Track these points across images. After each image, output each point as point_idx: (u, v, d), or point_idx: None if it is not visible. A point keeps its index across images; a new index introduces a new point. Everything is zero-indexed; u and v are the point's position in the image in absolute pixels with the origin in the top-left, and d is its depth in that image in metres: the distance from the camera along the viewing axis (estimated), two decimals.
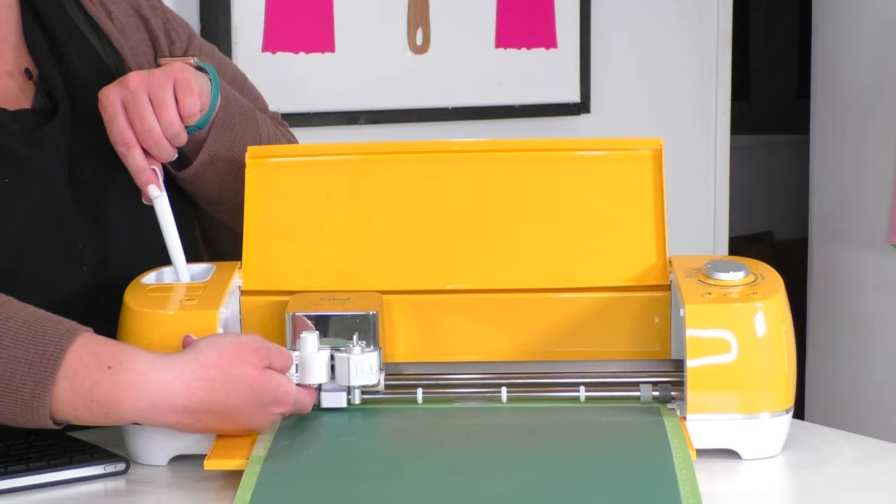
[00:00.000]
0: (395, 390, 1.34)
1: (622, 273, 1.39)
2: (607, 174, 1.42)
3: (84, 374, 1.22)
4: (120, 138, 1.43)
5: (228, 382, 1.24)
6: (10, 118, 1.47)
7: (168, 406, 1.23)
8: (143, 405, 1.22)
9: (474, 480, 1.18)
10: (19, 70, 1.52)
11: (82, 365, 1.22)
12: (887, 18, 3.09)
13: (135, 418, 1.24)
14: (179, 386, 1.23)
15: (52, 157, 1.46)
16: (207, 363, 1.24)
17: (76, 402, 1.22)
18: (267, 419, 1.26)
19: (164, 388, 1.22)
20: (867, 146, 3.17)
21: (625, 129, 3.16)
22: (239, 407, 1.24)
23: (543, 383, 1.34)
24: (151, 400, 1.22)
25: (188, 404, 1.23)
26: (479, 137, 2.89)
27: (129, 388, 1.22)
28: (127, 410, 1.22)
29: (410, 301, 1.39)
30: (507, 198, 1.41)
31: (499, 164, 1.43)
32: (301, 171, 1.43)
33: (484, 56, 2.94)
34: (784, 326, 1.28)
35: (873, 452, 1.32)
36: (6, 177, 1.43)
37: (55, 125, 1.49)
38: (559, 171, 1.42)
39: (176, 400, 1.23)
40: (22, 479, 1.22)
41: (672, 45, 3.24)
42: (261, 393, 1.25)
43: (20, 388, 1.21)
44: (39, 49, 1.53)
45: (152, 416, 1.23)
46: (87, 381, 1.22)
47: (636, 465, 1.20)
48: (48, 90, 1.51)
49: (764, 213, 4.39)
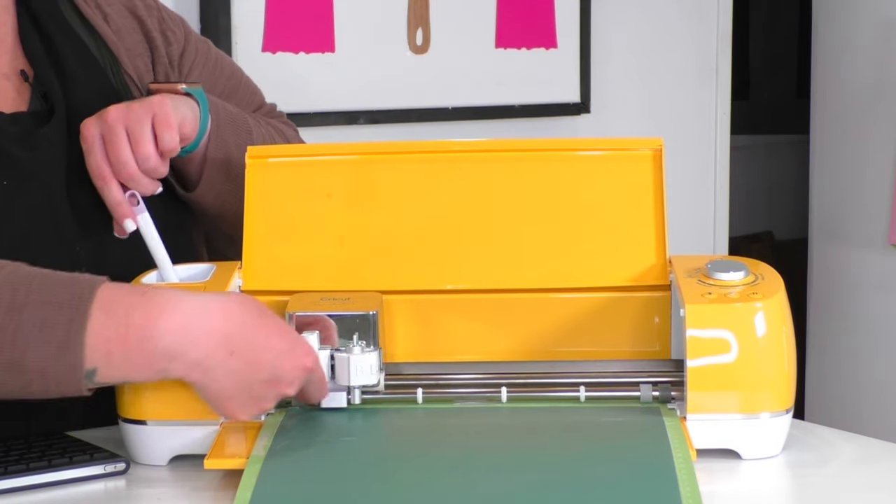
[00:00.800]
0: (395, 390, 1.34)
1: (622, 273, 1.39)
2: (607, 174, 1.42)
3: (118, 303, 1.20)
4: (97, 171, 1.44)
5: (265, 318, 1.24)
6: (6, 121, 1.47)
7: (204, 328, 1.21)
8: (177, 325, 1.20)
9: (474, 480, 1.18)
10: (15, 72, 1.52)
11: (116, 296, 1.21)
12: (887, 18, 3.09)
13: (169, 344, 1.20)
14: (216, 307, 1.22)
15: (49, 160, 1.46)
16: (245, 299, 1.25)
17: (110, 332, 1.19)
18: (294, 374, 1.24)
19: (199, 307, 1.21)
20: (867, 146, 3.17)
21: (625, 129, 3.16)
22: (272, 347, 1.23)
23: (543, 383, 1.34)
24: (186, 321, 1.20)
25: (225, 328, 1.21)
26: (479, 137, 2.89)
27: (164, 307, 1.20)
28: (162, 332, 1.20)
29: (410, 301, 1.39)
30: (507, 198, 1.41)
31: (499, 164, 1.43)
32: (301, 171, 1.43)
33: (484, 56, 2.94)
34: (784, 326, 1.28)
35: (873, 452, 1.32)
36: (3, 179, 1.43)
37: (52, 127, 1.48)
38: (559, 170, 1.42)
39: (212, 321, 1.21)
40: (22, 479, 1.22)
41: (672, 45, 3.24)
42: (294, 340, 1.25)
43: (53, 328, 1.19)
44: (35, 51, 1.52)
45: (187, 339, 1.20)
46: (122, 308, 1.20)
47: (636, 465, 1.20)
48: (44, 92, 1.51)
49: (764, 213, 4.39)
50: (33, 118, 1.49)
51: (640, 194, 1.40)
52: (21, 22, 1.54)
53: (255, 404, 1.25)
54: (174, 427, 1.28)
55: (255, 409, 1.25)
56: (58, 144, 1.48)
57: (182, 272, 1.41)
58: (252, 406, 1.25)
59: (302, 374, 1.26)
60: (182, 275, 1.41)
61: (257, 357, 1.23)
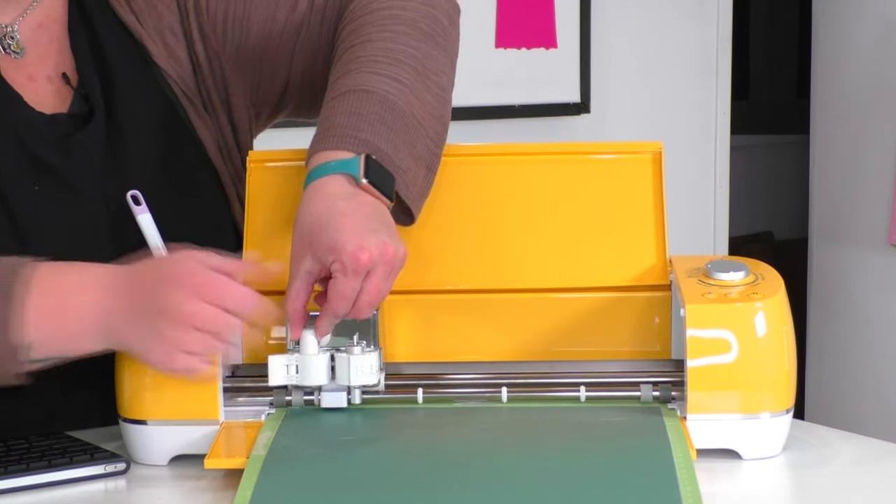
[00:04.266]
0: (395, 390, 1.34)
1: (622, 273, 1.39)
2: (608, 177, 1.42)
3: None
4: None
5: (156, 265, 1.27)
6: (45, 122, 1.44)
7: (96, 283, 1.24)
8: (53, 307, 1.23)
9: (474, 480, 1.18)
10: (58, 74, 1.47)
11: None
12: (887, 18, 3.09)
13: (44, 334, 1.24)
14: (100, 270, 1.25)
15: (80, 167, 1.43)
16: None
17: None
18: (209, 313, 1.21)
19: (84, 268, 1.25)
20: (867, 146, 3.17)
21: (625, 129, 3.17)
22: (154, 277, 1.24)
23: (543, 383, 1.34)
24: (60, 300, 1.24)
25: (112, 282, 1.24)
26: (479, 137, 2.90)
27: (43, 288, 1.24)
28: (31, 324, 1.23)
29: (410, 301, 1.39)
30: (508, 199, 1.41)
31: (499, 167, 1.43)
32: (301, 173, 1.43)
33: (484, 56, 2.95)
34: (784, 326, 1.28)
35: (873, 452, 1.32)
36: (36, 185, 1.41)
37: (89, 132, 1.44)
38: (560, 173, 1.42)
39: (99, 277, 1.24)
40: (22, 479, 1.22)
41: (672, 45, 3.25)
42: (196, 278, 1.22)
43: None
44: (82, 49, 1.47)
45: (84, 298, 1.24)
46: None
47: (636, 465, 1.20)
48: (85, 94, 1.46)
49: (764, 213, 4.39)
50: (73, 120, 1.45)
51: (640, 196, 1.40)
52: (71, 16, 1.49)
53: (171, 346, 1.22)
54: (174, 427, 1.28)
55: (175, 354, 1.23)
56: (91, 149, 1.44)
57: None
58: (169, 349, 1.22)
59: (223, 315, 1.22)
60: None
61: (140, 290, 1.24)
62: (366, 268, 1.23)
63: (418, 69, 1.39)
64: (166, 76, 1.50)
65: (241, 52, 1.52)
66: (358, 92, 1.35)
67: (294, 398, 1.32)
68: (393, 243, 1.25)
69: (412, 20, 1.42)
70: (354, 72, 1.37)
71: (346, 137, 1.31)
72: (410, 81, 1.37)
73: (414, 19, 1.43)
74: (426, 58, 1.40)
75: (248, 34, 1.51)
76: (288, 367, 1.29)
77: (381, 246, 1.23)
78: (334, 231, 1.24)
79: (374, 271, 1.24)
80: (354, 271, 1.23)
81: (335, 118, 1.33)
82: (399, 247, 1.26)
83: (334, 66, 1.41)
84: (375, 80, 1.36)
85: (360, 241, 1.23)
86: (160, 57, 1.50)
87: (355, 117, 1.32)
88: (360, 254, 1.22)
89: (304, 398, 1.32)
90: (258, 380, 1.32)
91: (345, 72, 1.38)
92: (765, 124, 4.58)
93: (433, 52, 1.42)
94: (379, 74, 1.36)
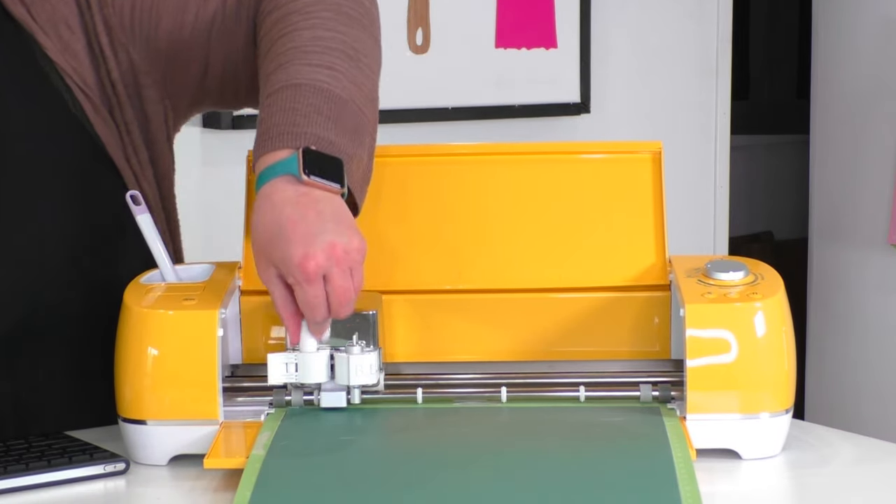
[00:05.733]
0: (395, 390, 1.34)
1: (622, 273, 1.39)
2: (607, 177, 1.42)
3: None
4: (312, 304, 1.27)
5: None
6: None
7: None
8: None
9: (474, 480, 1.18)
10: None
11: None
12: (887, 18, 3.09)
13: None
14: None
15: None
16: None
17: None
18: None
19: None
20: (867, 146, 3.17)
21: (625, 129, 3.17)
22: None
23: (543, 383, 1.34)
24: None
25: None
26: (479, 137, 2.90)
27: None
28: None
29: (410, 301, 1.39)
30: (508, 199, 1.41)
31: (499, 167, 1.43)
32: None
33: (484, 56, 2.95)
34: (784, 326, 1.28)
35: (873, 452, 1.32)
36: None
37: None
38: (559, 173, 1.42)
39: None
40: (22, 479, 1.22)
41: (672, 45, 3.25)
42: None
43: None
44: None
45: None
46: None
47: (636, 465, 1.20)
48: None
49: (764, 213, 4.39)
50: None
51: (639, 196, 1.40)
52: None
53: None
54: (174, 427, 1.28)
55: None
56: None
57: (182, 272, 1.41)
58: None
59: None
60: (182, 275, 1.41)
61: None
62: (317, 275, 1.22)
63: (350, 54, 1.37)
64: (59, 70, 1.45)
65: (151, 43, 1.47)
66: (291, 87, 1.33)
67: (293, 398, 1.32)
68: (342, 240, 1.23)
69: (336, 4, 1.40)
70: (286, 65, 1.35)
71: (283, 135, 1.29)
72: (345, 68, 1.35)
73: (338, 3, 1.41)
74: (356, 41, 1.38)
75: (158, 25, 1.47)
76: (287, 365, 1.29)
77: (329, 248, 1.22)
78: (285, 243, 1.23)
79: (330, 274, 1.23)
80: (307, 281, 1.22)
81: (271, 118, 1.31)
82: (351, 240, 1.24)
83: (263, 60, 1.39)
84: (308, 71, 1.34)
85: (306, 249, 1.22)
86: (53, 51, 1.44)
87: (291, 113, 1.30)
88: (306, 264, 1.22)
89: (304, 398, 1.32)
90: (257, 380, 1.32)
91: (276, 66, 1.36)
92: (765, 124, 4.58)
93: (361, 36, 1.40)
94: (311, 65, 1.34)
